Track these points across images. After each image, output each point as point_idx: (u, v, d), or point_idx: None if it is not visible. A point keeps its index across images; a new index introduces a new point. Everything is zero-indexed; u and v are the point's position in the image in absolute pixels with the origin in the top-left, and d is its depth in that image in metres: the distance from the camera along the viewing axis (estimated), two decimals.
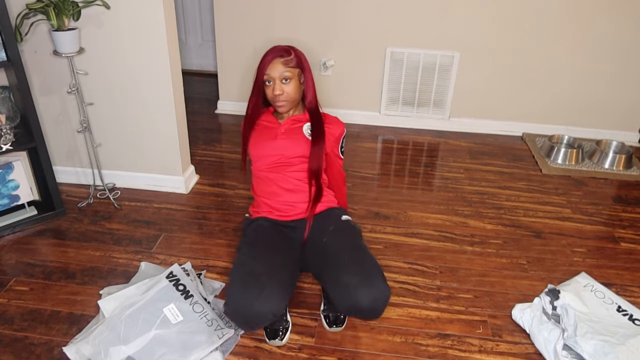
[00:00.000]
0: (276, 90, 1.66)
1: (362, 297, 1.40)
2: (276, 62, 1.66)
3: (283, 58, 1.66)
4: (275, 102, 1.70)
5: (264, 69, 1.67)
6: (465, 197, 2.47)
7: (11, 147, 1.95)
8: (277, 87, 1.66)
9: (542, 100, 3.11)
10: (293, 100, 1.70)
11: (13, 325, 1.62)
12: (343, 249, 1.55)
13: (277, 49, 1.69)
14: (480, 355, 1.57)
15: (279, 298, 1.42)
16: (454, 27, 2.95)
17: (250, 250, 1.58)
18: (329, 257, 1.54)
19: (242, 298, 1.39)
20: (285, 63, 1.66)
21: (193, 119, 3.12)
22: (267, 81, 1.68)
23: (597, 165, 2.83)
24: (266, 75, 1.67)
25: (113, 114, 2.26)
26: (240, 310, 1.39)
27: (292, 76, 1.67)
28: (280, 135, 1.73)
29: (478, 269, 1.96)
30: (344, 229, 1.67)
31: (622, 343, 1.49)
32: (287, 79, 1.66)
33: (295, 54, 1.69)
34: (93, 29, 2.07)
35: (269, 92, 1.68)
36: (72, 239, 2.05)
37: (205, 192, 2.43)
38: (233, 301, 1.40)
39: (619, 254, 2.09)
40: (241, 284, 1.42)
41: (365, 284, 1.41)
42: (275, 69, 1.65)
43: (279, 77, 1.65)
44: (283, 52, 1.67)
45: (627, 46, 2.89)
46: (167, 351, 1.44)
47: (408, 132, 3.20)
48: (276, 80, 1.66)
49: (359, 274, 1.43)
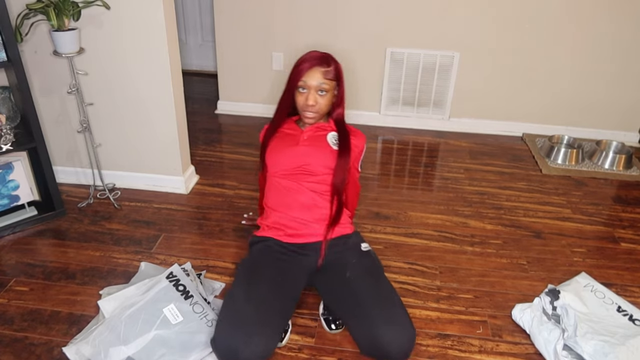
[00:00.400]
0: (310, 100, 1.59)
1: (394, 350, 1.35)
2: (316, 70, 1.58)
3: (323, 68, 1.59)
4: (305, 112, 1.63)
5: (300, 74, 1.59)
6: (465, 197, 2.47)
7: (11, 147, 1.94)
8: (312, 97, 1.59)
9: (542, 100, 3.11)
10: (323, 114, 1.65)
11: (13, 325, 1.62)
12: (370, 292, 1.45)
13: (317, 56, 1.61)
14: (480, 356, 1.57)
15: (268, 345, 1.35)
16: (454, 27, 2.95)
17: (248, 283, 1.48)
18: (355, 299, 1.45)
19: (230, 341, 1.32)
20: (324, 74, 1.59)
21: (193, 119, 3.12)
22: (301, 87, 1.60)
23: (597, 166, 2.83)
24: (302, 82, 1.59)
25: (113, 114, 2.26)
26: (227, 352, 1.32)
27: (329, 89, 1.60)
28: (303, 142, 1.66)
29: (478, 269, 1.96)
30: (368, 265, 1.58)
31: (622, 343, 1.48)
32: (323, 91, 1.60)
33: (335, 65, 1.63)
34: (93, 29, 2.07)
35: (301, 99, 1.61)
36: (72, 239, 2.05)
37: (205, 192, 2.43)
38: (220, 341, 1.34)
39: (619, 254, 2.09)
40: (230, 325, 1.35)
41: (396, 336, 1.35)
42: (313, 77, 1.58)
43: (316, 87, 1.59)
44: (324, 62, 1.59)
45: (627, 46, 2.89)
46: (167, 352, 1.44)
47: (408, 132, 3.20)
48: (312, 90, 1.59)
49: (390, 327, 1.36)
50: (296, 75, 1.60)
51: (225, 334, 1.34)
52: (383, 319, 1.37)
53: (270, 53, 3.14)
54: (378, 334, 1.36)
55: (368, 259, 1.60)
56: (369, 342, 1.39)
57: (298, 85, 1.60)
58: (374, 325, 1.37)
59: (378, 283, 1.50)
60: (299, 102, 1.62)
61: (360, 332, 1.42)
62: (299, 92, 1.61)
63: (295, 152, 1.64)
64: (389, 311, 1.40)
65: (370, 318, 1.39)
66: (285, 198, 1.65)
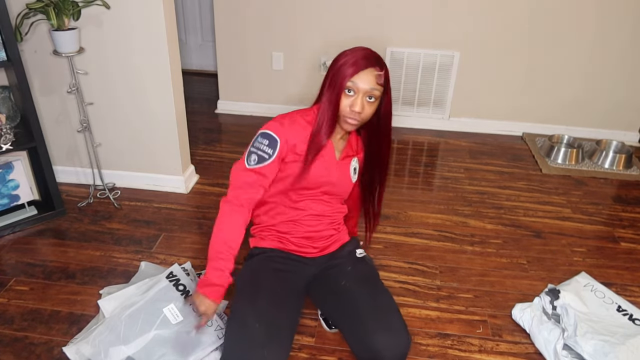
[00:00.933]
0: (357, 105, 1.35)
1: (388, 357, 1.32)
2: (369, 72, 1.34)
3: (377, 71, 1.35)
4: (347, 119, 1.38)
5: (351, 74, 1.34)
6: (465, 196, 2.47)
7: (11, 147, 1.94)
8: (359, 103, 1.35)
9: (542, 100, 3.11)
10: (364, 122, 1.42)
11: (13, 325, 1.62)
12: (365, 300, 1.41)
13: (371, 55, 1.37)
14: (480, 355, 1.57)
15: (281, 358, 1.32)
16: (454, 27, 2.95)
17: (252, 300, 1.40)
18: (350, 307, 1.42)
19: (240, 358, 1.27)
20: (377, 78, 1.35)
21: (193, 119, 3.11)
22: (347, 89, 1.35)
23: (597, 165, 2.83)
24: (351, 83, 1.34)
25: (113, 114, 2.26)
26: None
27: (378, 96, 1.38)
28: (334, 167, 1.50)
29: (478, 268, 1.96)
30: (363, 272, 1.53)
31: (622, 343, 1.48)
32: (372, 97, 1.36)
33: (386, 69, 1.40)
34: (93, 29, 2.07)
35: (346, 103, 1.36)
36: (72, 238, 2.05)
37: (205, 192, 2.43)
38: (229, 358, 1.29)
39: (619, 253, 2.09)
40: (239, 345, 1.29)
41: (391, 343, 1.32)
42: (366, 80, 1.34)
43: (366, 92, 1.35)
44: (378, 64, 1.36)
45: (627, 46, 2.89)
46: (167, 351, 1.44)
47: (408, 131, 3.20)
48: (360, 94, 1.35)
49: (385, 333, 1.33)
50: (345, 73, 1.35)
51: (235, 355, 1.29)
52: (377, 326, 1.34)
53: (270, 53, 3.14)
54: (372, 341, 1.33)
55: (363, 265, 1.56)
56: (363, 349, 1.36)
57: (345, 85, 1.35)
58: (368, 332, 1.34)
59: (373, 290, 1.47)
60: (343, 106, 1.37)
61: (355, 340, 1.39)
62: (345, 95, 1.37)
63: (329, 179, 1.49)
64: (384, 318, 1.37)
65: (365, 325, 1.35)
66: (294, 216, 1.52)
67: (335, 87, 1.37)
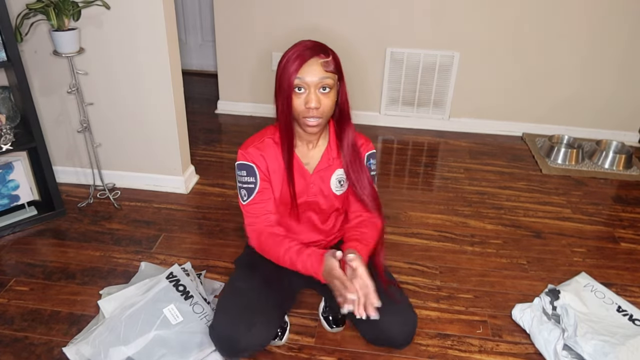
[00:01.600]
0: (312, 101, 1.25)
1: (398, 335, 1.38)
2: (313, 62, 1.25)
3: (322, 59, 1.26)
4: (306, 120, 1.28)
5: (295, 69, 1.24)
6: (465, 197, 2.47)
7: (11, 147, 1.94)
8: (314, 98, 1.25)
9: (542, 100, 3.11)
10: (327, 118, 1.33)
11: (13, 325, 1.62)
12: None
13: (311, 45, 1.28)
14: (480, 356, 1.57)
15: (267, 334, 1.37)
16: (454, 27, 2.95)
17: (247, 276, 1.47)
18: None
19: (229, 329, 1.32)
20: (325, 65, 1.25)
21: (193, 119, 3.11)
22: (297, 87, 1.26)
23: (597, 165, 2.83)
24: (298, 80, 1.24)
25: (113, 114, 2.26)
26: (226, 340, 1.33)
27: (332, 84, 1.27)
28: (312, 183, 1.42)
29: (478, 269, 1.96)
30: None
31: (622, 343, 1.48)
32: (326, 88, 1.26)
33: (333, 54, 1.30)
34: (93, 29, 2.07)
35: (299, 103, 1.27)
36: (72, 239, 2.05)
37: (205, 192, 2.43)
38: (219, 329, 1.34)
39: (619, 254, 2.09)
40: (230, 315, 1.35)
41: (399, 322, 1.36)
42: (312, 72, 1.24)
43: (317, 83, 1.25)
44: (321, 51, 1.27)
45: (627, 46, 2.89)
46: (167, 352, 1.44)
47: (408, 132, 3.20)
48: (312, 88, 1.25)
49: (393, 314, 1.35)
50: (289, 72, 1.25)
51: (225, 323, 1.35)
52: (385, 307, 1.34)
53: (270, 53, 3.14)
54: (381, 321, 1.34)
55: None
56: (372, 330, 1.41)
57: (293, 84, 1.25)
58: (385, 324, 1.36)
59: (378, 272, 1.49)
60: (297, 107, 1.28)
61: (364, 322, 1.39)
62: (295, 94, 1.27)
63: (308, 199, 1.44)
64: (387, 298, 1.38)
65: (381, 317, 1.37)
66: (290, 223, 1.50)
67: (283, 88, 1.26)
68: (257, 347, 1.39)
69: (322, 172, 1.43)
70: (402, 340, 1.41)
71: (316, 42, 1.30)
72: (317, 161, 1.43)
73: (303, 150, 1.43)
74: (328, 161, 1.44)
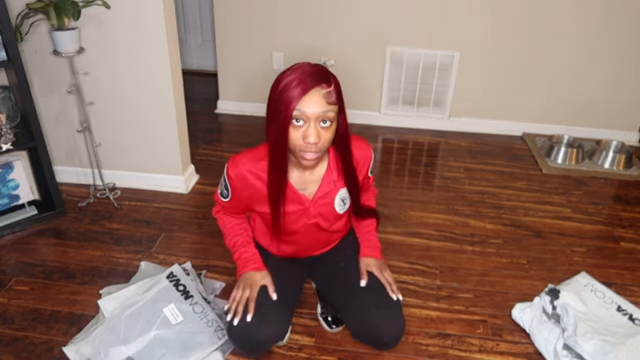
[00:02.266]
0: (311, 136, 1.15)
1: (386, 335, 1.41)
2: (315, 93, 1.14)
3: (324, 89, 1.15)
4: (304, 154, 1.20)
5: (295, 99, 1.13)
6: (465, 196, 2.47)
7: (11, 147, 1.94)
8: (313, 132, 1.15)
9: (542, 100, 3.11)
10: (325, 152, 1.25)
11: (13, 325, 1.62)
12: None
13: (312, 72, 1.15)
14: (480, 355, 1.57)
15: (281, 326, 1.42)
16: (454, 27, 2.95)
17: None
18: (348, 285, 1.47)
19: (243, 327, 1.35)
20: (327, 97, 1.15)
21: (193, 119, 3.11)
22: (295, 119, 1.15)
23: (597, 165, 2.83)
24: (297, 111, 1.14)
25: (113, 114, 2.26)
26: (242, 336, 1.37)
27: (333, 118, 1.18)
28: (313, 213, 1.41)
29: (478, 268, 1.96)
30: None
31: (622, 343, 1.48)
32: (326, 121, 1.17)
33: (334, 81, 1.19)
34: (93, 29, 2.07)
35: (296, 136, 1.17)
36: (72, 238, 2.05)
37: (205, 192, 2.43)
38: (234, 330, 1.37)
39: (619, 253, 2.09)
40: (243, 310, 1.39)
41: (387, 320, 1.39)
42: (313, 104, 1.14)
43: (319, 117, 1.15)
44: (323, 80, 1.15)
45: (626, 46, 2.89)
46: (167, 352, 1.44)
47: (408, 132, 3.20)
48: (311, 122, 1.15)
49: (383, 312, 1.39)
50: (287, 102, 1.14)
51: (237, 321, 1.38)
52: (375, 304, 1.40)
53: (270, 53, 3.14)
54: (369, 318, 1.39)
55: None
56: (360, 325, 1.43)
57: (292, 115, 1.14)
58: (365, 308, 1.40)
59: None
60: (294, 140, 1.18)
61: (353, 317, 1.46)
62: (293, 126, 1.17)
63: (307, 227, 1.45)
64: (380, 296, 1.43)
65: (362, 302, 1.42)
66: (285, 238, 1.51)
67: (280, 119, 1.15)
68: (272, 339, 1.42)
69: (323, 198, 1.40)
70: (389, 340, 1.43)
71: (316, 67, 1.18)
72: (317, 186, 1.38)
73: (298, 176, 1.36)
74: (329, 185, 1.38)
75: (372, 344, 1.49)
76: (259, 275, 1.44)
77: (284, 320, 1.43)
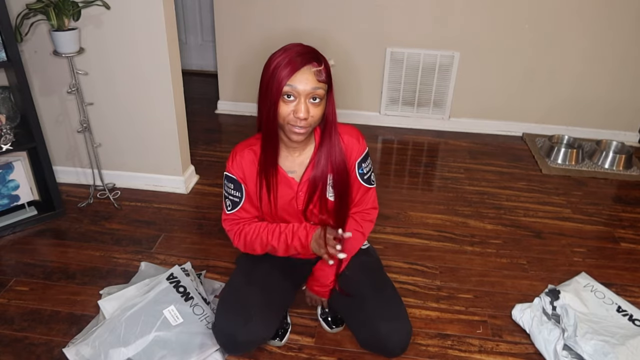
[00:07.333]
0: (301, 111, 1.20)
1: (395, 346, 1.39)
2: (306, 71, 1.20)
3: (315, 67, 1.21)
4: (293, 128, 1.24)
5: (286, 76, 1.19)
6: (465, 197, 2.47)
7: (11, 147, 1.94)
8: (303, 108, 1.20)
9: (542, 100, 3.11)
10: (313, 127, 1.29)
11: (13, 325, 1.62)
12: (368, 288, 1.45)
13: (305, 51, 1.22)
14: (480, 356, 1.57)
15: (267, 328, 1.40)
16: (454, 27, 2.95)
17: (247, 273, 1.50)
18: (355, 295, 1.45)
19: (227, 325, 1.37)
20: (317, 75, 1.20)
21: (193, 119, 3.11)
22: (286, 95, 1.21)
23: (597, 165, 2.83)
24: (288, 87, 1.19)
25: (113, 114, 2.26)
26: (226, 335, 1.37)
27: (323, 95, 1.23)
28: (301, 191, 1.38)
29: (478, 269, 1.96)
30: (366, 262, 1.54)
31: (622, 343, 1.49)
32: (316, 98, 1.22)
33: (325, 62, 1.25)
34: (93, 29, 2.07)
35: (286, 110, 1.22)
36: (72, 239, 2.05)
37: (205, 192, 2.43)
38: (220, 325, 1.39)
39: (619, 254, 2.09)
40: (228, 310, 1.40)
41: (394, 330, 1.38)
42: (304, 80, 1.19)
43: (309, 93, 1.20)
44: (314, 59, 1.22)
45: (626, 46, 2.89)
46: (167, 353, 1.44)
47: (408, 132, 3.20)
48: (302, 97, 1.20)
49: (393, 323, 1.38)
50: (279, 78, 1.20)
51: (225, 317, 1.39)
52: (381, 314, 1.39)
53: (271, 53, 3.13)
54: (376, 328, 1.38)
55: (366, 256, 1.58)
56: (367, 336, 1.43)
57: (283, 91, 1.20)
58: (372, 319, 1.39)
59: (376, 278, 1.51)
60: (284, 114, 1.23)
61: (359, 327, 1.45)
62: (284, 101, 1.22)
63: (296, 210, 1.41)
64: (387, 306, 1.42)
65: (369, 313, 1.41)
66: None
67: (271, 94, 1.22)
68: (254, 342, 1.41)
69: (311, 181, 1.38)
70: (396, 349, 1.41)
71: (307, 47, 1.25)
72: (304, 168, 1.39)
73: (288, 159, 1.39)
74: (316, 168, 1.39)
75: (379, 352, 1.47)
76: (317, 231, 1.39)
77: (267, 325, 1.40)
